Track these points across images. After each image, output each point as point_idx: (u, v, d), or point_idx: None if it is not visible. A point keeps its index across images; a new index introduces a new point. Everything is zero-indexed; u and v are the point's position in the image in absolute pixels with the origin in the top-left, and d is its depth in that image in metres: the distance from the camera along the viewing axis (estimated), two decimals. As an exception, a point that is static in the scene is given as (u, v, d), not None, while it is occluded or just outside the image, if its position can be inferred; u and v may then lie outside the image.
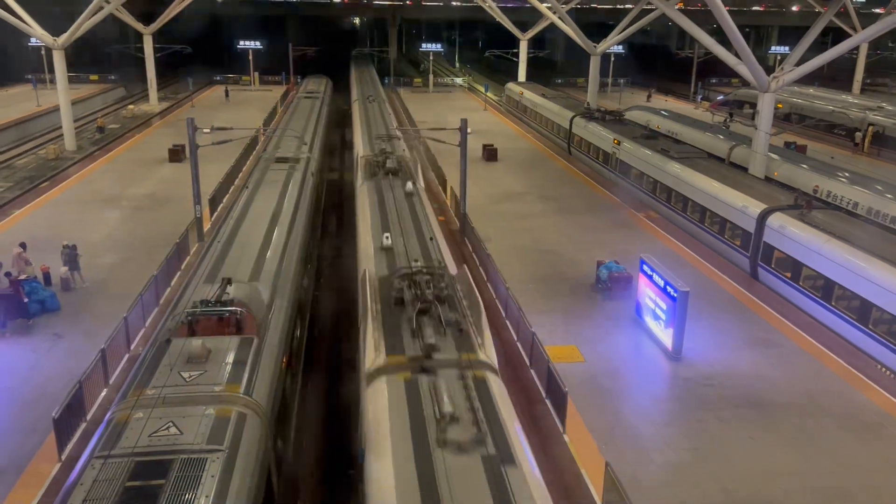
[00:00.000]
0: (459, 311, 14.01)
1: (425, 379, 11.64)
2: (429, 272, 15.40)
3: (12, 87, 73.33)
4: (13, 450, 14.42)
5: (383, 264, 17.03)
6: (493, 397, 11.28)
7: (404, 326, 13.46)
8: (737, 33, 30.16)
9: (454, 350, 12.62)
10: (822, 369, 18.38)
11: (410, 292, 14.38)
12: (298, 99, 54.29)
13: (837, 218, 24.10)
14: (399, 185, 24.43)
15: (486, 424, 10.39)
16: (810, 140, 51.05)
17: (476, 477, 9.31)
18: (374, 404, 11.34)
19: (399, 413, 10.81)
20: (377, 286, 15.41)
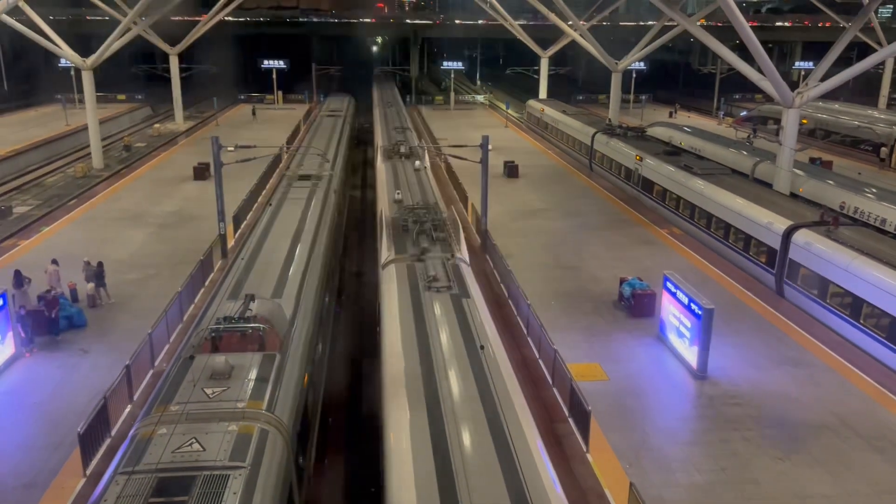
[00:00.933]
0: (444, 230, 20.98)
1: (419, 265, 18.23)
2: (425, 208, 23.15)
3: (43, 107, 74.87)
4: (39, 464, 14.56)
5: (395, 209, 23.67)
6: (462, 272, 17.96)
7: (407, 238, 20.46)
8: (760, 49, 29.99)
9: (439, 251, 19.40)
10: (850, 388, 18.03)
11: (412, 220, 21.57)
12: (321, 117, 54.80)
13: (865, 234, 23.73)
14: (409, 164, 31.96)
15: (454, 280, 17.13)
16: (836, 156, 50.47)
17: (446, 301, 16.14)
18: (386, 281, 17.84)
19: (402, 282, 17.25)
20: (391, 219, 22.36)
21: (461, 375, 12.88)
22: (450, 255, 19.06)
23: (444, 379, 12.73)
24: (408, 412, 11.78)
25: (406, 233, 20.88)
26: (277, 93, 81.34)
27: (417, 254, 18.94)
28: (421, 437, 11.03)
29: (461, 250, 20.02)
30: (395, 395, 12.47)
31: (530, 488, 9.85)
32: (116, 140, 62.06)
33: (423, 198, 25.42)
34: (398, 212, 23.00)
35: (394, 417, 11.89)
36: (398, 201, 24.63)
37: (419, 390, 12.39)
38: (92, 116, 47.54)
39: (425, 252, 19.06)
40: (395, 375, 13.14)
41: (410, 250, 19.34)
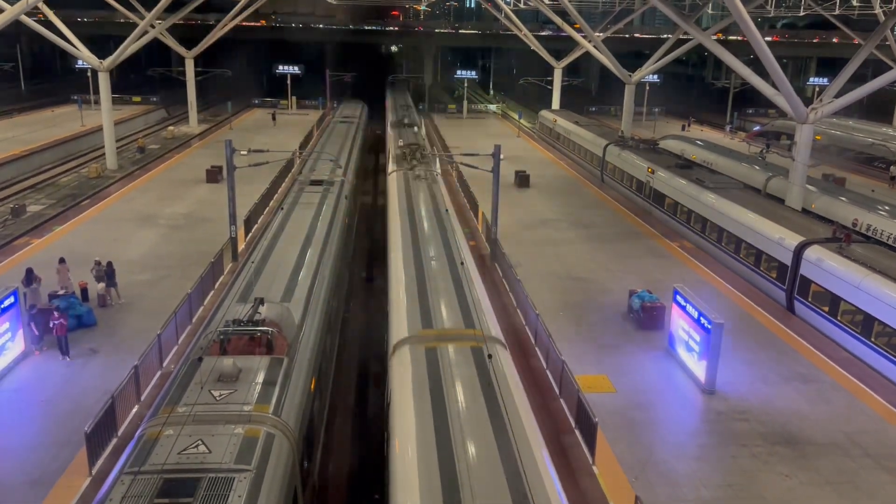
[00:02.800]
0: (427, 158, 35.88)
1: (411, 173, 32.19)
2: (416, 145, 38.91)
3: (59, 108, 75.53)
4: (46, 462, 14.62)
5: (397, 147, 39.22)
6: (438, 180, 31.47)
7: (403, 161, 34.78)
8: (774, 64, 29.90)
9: (422, 169, 32.99)
10: (860, 406, 17.87)
11: (407, 153, 36.05)
12: (334, 123, 55.01)
13: (877, 252, 23.57)
14: (410, 131, 46.46)
15: (431, 181, 30.65)
16: (849, 172, 50.20)
17: (423, 184, 29.35)
18: (390, 183, 31.86)
19: (401, 182, 30.47)
20: (393, 155, 37.49)
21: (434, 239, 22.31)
22: (429, 172, 32.84)
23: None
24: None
25: (403, 158, 35.59)
26: (291, 98, 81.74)
27: (408, 168, 33.61)
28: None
29: (438, 171, 34.49)
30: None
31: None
32: (131, 141, 62.50)
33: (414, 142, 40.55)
34: (398, 148, 38.73)
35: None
36: (401, 146, 39.02)
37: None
38: (107, 117, 47.91)
39: (414, 167, 33.71)
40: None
41: (405, 166, 34.06)
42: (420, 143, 42.04)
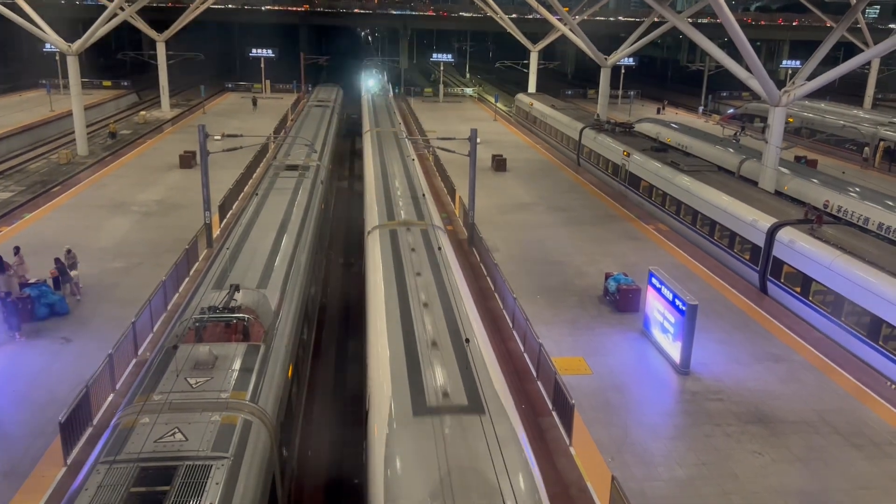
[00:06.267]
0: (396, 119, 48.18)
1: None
2: (386, 107, 54.28)
3: (27, 92, 74.01)
4: (20, 453, 14.46)
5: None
6: (406, 144, 37.68)
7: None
8: (748, 47, 30.12)
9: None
10: (830, 385, 18.24)
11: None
12: (309, 107, 54.53)
13: (847, 233, 23.97)
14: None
15: (401, 138, 38.65)
16: (821, 155, 50.88)
17: (393, 140, 37.85)
18: (365, 142, 39.32)
19: (374, 140, 38.23)
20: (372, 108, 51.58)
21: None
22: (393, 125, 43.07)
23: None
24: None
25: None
26: (265, 82, 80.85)
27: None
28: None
29: (400, 122, 45.21)
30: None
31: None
32: (101, 127, 61.46)
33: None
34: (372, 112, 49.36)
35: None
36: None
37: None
38: (77, 102, 47.03)
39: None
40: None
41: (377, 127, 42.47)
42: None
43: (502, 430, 10.64)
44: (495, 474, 9.61)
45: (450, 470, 9.72)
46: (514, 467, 9.89)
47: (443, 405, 11.20)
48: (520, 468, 9.96)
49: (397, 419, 11.03)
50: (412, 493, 9.43)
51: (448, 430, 10.53)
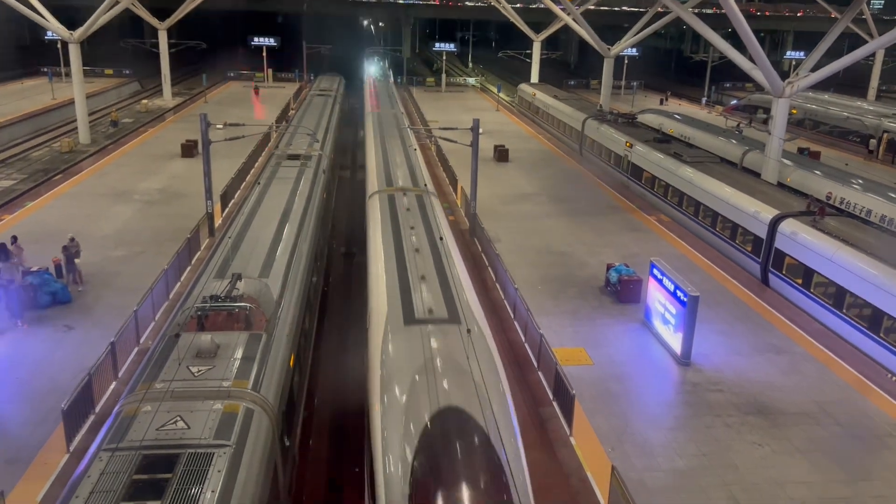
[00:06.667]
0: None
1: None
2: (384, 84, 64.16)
3: (28, 80, 73.87)
4: (23, 440, 14.52)
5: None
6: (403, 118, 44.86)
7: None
8: (752, 37, 29.98)
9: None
10: (831, 377, 18.26)
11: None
12: (311, 96, 54.40)
13: (850, 225, 23.93)
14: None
15: (399, 118, 43.77)
16: (824, 146, 50.73)
17: (393, 121, 41.71)
18: (367, 123, 42.22)
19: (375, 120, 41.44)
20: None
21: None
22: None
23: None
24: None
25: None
26: (267, 71, 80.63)
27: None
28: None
29: (400, 106, 49.22)
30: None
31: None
32: (103, 115, 61.38)
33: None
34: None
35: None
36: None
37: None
38: (79, 90, 46.93)
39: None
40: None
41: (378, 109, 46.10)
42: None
43: (475, 335, 13.21)
44: (467, 361, 12.05)
45: (432, 357, 12.19)
46: (483, 358, 12.38)
47: (428, 318, 13.79)
48: (487, 359, 12.48)
49: (391, 327, 13.55)
50: (402, 374, 11.84)
51: (431, 335, 13.03)
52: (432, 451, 10.08)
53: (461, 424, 10.48)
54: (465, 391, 11.18)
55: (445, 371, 11.73)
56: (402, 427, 10.63)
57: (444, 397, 10.99)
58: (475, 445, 10.20)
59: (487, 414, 10.68)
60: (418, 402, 11.00)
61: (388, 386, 11.63)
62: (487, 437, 10.30)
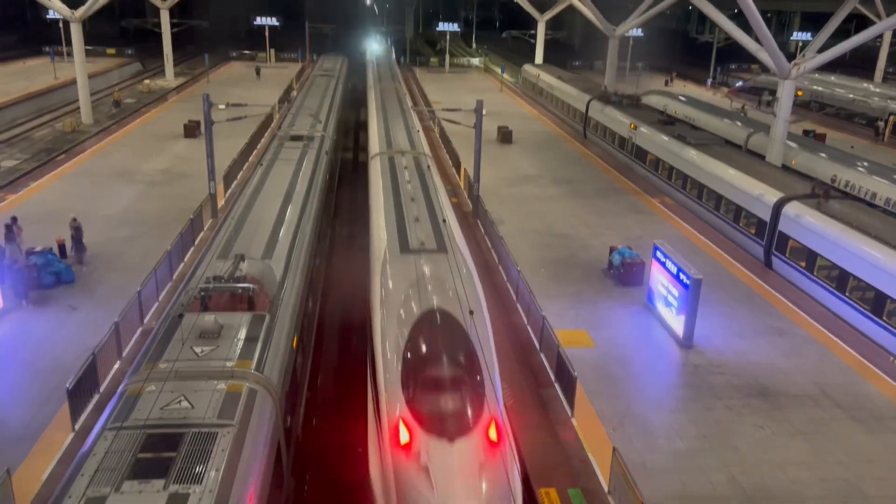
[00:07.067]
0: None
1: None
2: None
3: (30, 60, 73.57)
4: (29, 419, 14.64)
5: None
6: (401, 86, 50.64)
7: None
8: (758, 18, 29.70)
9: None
10: (833, 360, 18.29)
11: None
12: (314, 77, 54.13)
13: (855, 208, 23.84)
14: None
15: (399, 89, 46.89)
16: (830, 129, 50.43)
17: (394, 93, 44.36)
18: (369, 94, 46.04)
19: (377, 93, 43.78)
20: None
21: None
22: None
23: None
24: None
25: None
26: (270, 51, 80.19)
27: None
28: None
29: (400, 78, 54.13)
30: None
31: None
32: (106, 95, 61.19)
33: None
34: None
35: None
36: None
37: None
38: (81, 70, 46.74)
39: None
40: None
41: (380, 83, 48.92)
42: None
43: (459, 262, 15.61)
44: (451, 279, 14.47)
45: (422, 276, 14.56)
46: (464, 277, 14.85)
47: (420, 248, 16.27)
48: (467, 278, 15.05)
49: (390, 255, 16.07)
50: (398, 288, 14.39)
51: (422, 261, 15.40)
52: (419, 338, 12.64)
53: (442, 319, 13.06)
54: (447, 298, 13.73)
55: (432, 285, 14.26)
56: (397, 323, 13.18)
57: (430, 302, 13.52)
58: (453, 334, 12.77)
59: (465, 313, 13.23)
60: (410, 306, 13.56)
61: (386, 298, 14.36)
62: (463, 328, 12.90)
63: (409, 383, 11.80)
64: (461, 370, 12.00)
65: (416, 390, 11.66)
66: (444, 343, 12.52)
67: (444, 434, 11.07)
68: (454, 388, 11.69)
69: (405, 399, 11.62)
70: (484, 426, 11.35)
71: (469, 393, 11.68)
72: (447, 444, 10.97)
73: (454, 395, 11.60)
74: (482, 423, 11.35)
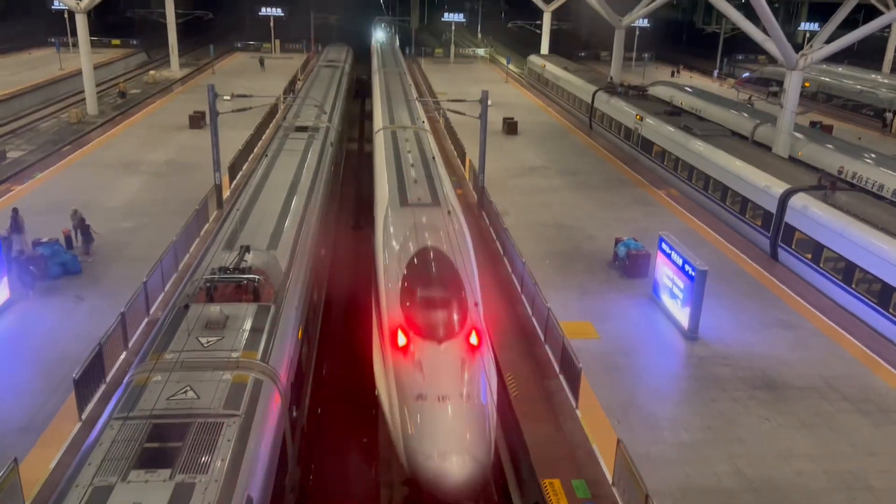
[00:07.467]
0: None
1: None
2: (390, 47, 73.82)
3: (36, 51, 73.60)
4: (36, 409, 14.72)
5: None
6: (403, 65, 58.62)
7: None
8: (765, 8, 29.50)
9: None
10: (839, 352, 18.25)
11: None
12: (319, 67, 54.05)
13: (862, 200, 23.72)
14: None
15: (402, 73, 51.17)
16: (837, 120, 50.15)
17: (397, 76, 48.27)
18: (374, 77, 50.19)
19: (381, 77, 47.84)
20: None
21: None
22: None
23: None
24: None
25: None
26: (275, 41, 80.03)
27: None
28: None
29: (403, 64, 58.43)
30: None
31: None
32: (111, 86, 61.22)
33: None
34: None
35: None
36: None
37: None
38: (86, 61, 46.78)
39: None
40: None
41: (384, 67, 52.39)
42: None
43: (451, 214, 18.45)
44: (444, 223, 17.66)
45: (419, 224, 17.46)
46: (455, 227, 17.67)
47: (417, 203, 19.18)
48: (458, 227, 17.88)
49: (391, 208, 19.02)
50: (398, 234, 17.34)
51: (419, 212, 18.27)
52: (415, 267, 15.67)
53: (434, 254, 16.09)
54: (438, 238, 16.73)
55: (427, 231, 17.14)
56: (397, 257, 16.20)
57: (424, 242, 16.50)
58: (442, 264, 15.81)
59: (454, 250, 16.29)
60: (407, 244, 16.56)
61: (388, 240, 17.31)
62: (451, 261, 15.92)
63: (406, 301, 14.65)
64: (447, 291, 14.88)
65: (411, 305, 14.49)
66: (435, 271, 15.55)
67: (433, 338, 13.80)
68: (442, 304, 14.49)
69: (402, 312, 14.36)
70: (466, 333, 14.01)
71: (454, 308, 14.45)
72: (436, 345, 13.67)
73: (442, 309, 14.38)
74: (464, 330, 14.04)
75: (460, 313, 14.30)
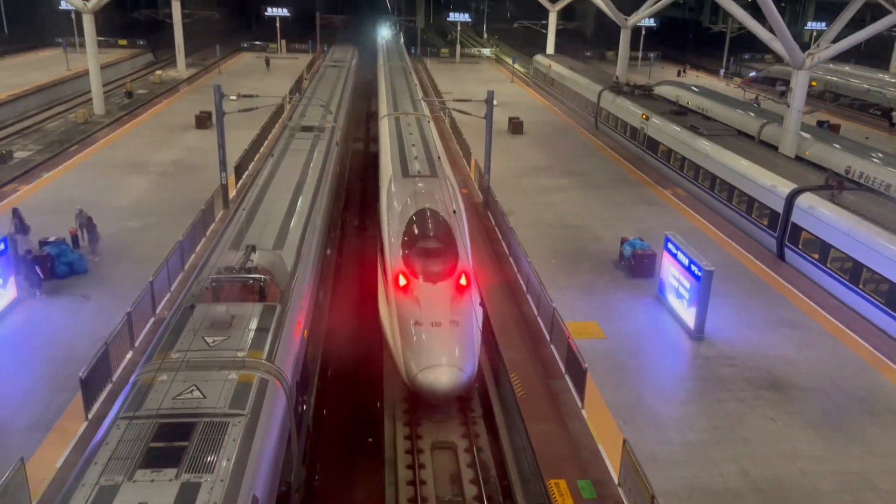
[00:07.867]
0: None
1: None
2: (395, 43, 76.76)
3: (43, 51, 73.87)
4: (43, 408, 14.78)
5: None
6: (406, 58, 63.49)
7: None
8: (772, 7, 29.38)
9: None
10: (846, 352, 18.17)
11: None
12: (325, 68, 54.11)
13: (869, 200, 23.61)
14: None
15: (406, 67, 53.96)
16: (844, 119, 49.94)
17: (401, 70, 50.89)
18: (379, 70, 54.37)
19: (386, 70, 51.23)
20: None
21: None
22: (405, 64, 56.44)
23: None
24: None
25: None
26: (281, 42, 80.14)
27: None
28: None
29: (406, 58, 62.88)
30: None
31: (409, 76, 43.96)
32: (118, 86, 61.40)
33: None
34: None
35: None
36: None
37: None
38: (93, 61, 46.91)
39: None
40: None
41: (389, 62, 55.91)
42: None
43: (445, 184, 21.22)
44: (439, 190, 20.30)
45: (418, 189, 20.40)
46: (450, 193, 20.57)
47: (417, 175, 22.05)
48: (452, 193, 20.64)
49: (394, 178, 21.86)
50: (399, 199, 19.92)
51: (419, 182, 21.19)
52: (413, 224, 18.51)
53: (430, 213, 18.85)
54: (434, 202, 19.38)
55: (425, 196, 19.78)
56: (399, 217, 18.92)
57: (422, 204, 19.20)
58: (437, 221, 18.61)
59: (448, 211, 19.05)
60: (407, 206, 19.23)
61: (391, 204, 19.98)
62: (444, 219, 18.69)
63: (406, 249, 17.62)
64: (441, 242, 17.86)
65: (410, 254, 17.49)
66: (430, 226, 18.44)
67: (429, 279, 16.93)
68: (436, 253, 17.48)
69: (403, 259, 17.36)
70: (457, 276, 17.11)
71: (446, 255, 17.47)
72: (431, 285, 16.81)
73: (436, 257, 17.40)
74: (456, 273, 17.15)
75: (451, 260, 17.36)
